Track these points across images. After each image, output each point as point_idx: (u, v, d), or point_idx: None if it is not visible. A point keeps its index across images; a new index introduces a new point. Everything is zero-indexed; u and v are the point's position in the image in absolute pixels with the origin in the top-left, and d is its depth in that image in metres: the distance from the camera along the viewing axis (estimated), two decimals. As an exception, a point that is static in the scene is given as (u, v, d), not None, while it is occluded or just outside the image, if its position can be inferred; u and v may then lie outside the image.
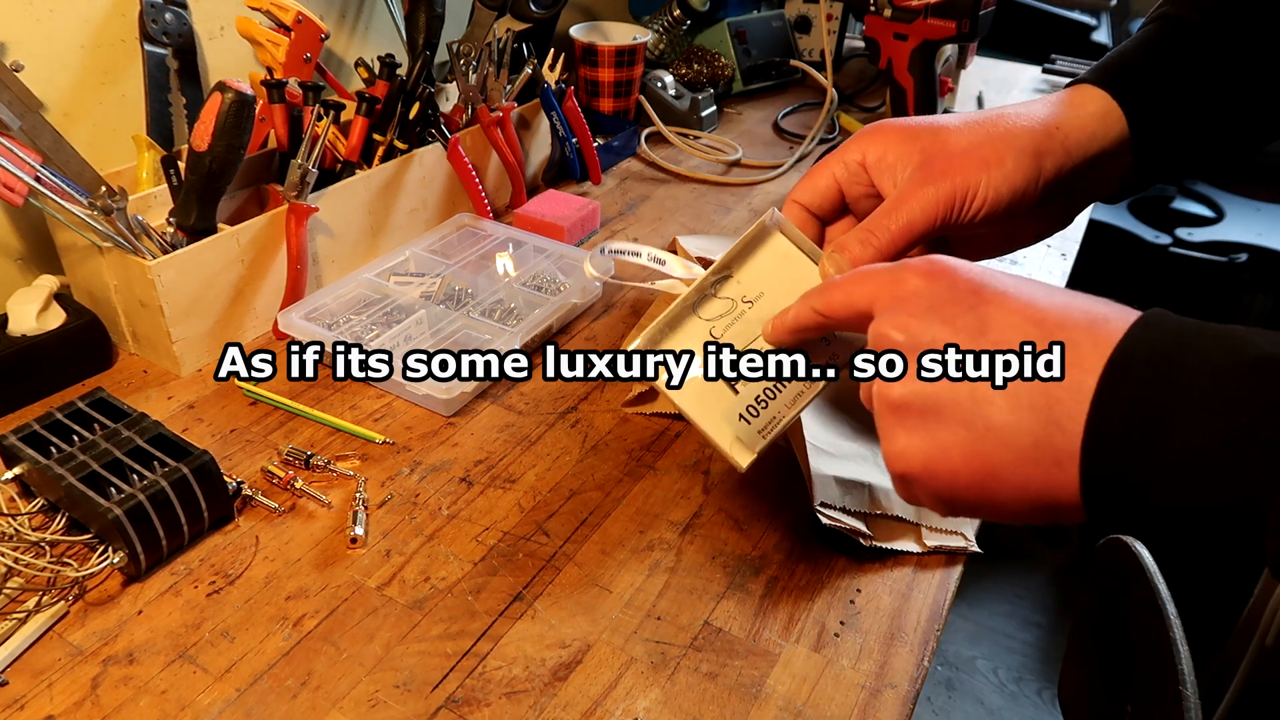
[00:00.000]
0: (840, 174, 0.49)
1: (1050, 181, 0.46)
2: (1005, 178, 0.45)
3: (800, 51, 1.45)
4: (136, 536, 0.54)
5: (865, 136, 0.49)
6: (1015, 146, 0.46)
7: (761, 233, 0.49)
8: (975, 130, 0.46)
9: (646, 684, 0.51)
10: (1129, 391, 0.32)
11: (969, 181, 0.45)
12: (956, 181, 0.45)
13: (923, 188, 0.45)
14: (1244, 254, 1.77)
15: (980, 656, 1.72)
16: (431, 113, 0.88)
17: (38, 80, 0.75)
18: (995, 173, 0.45)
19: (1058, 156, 0.46)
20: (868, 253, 0.45)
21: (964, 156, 0.45)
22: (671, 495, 0.63)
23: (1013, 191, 0.45)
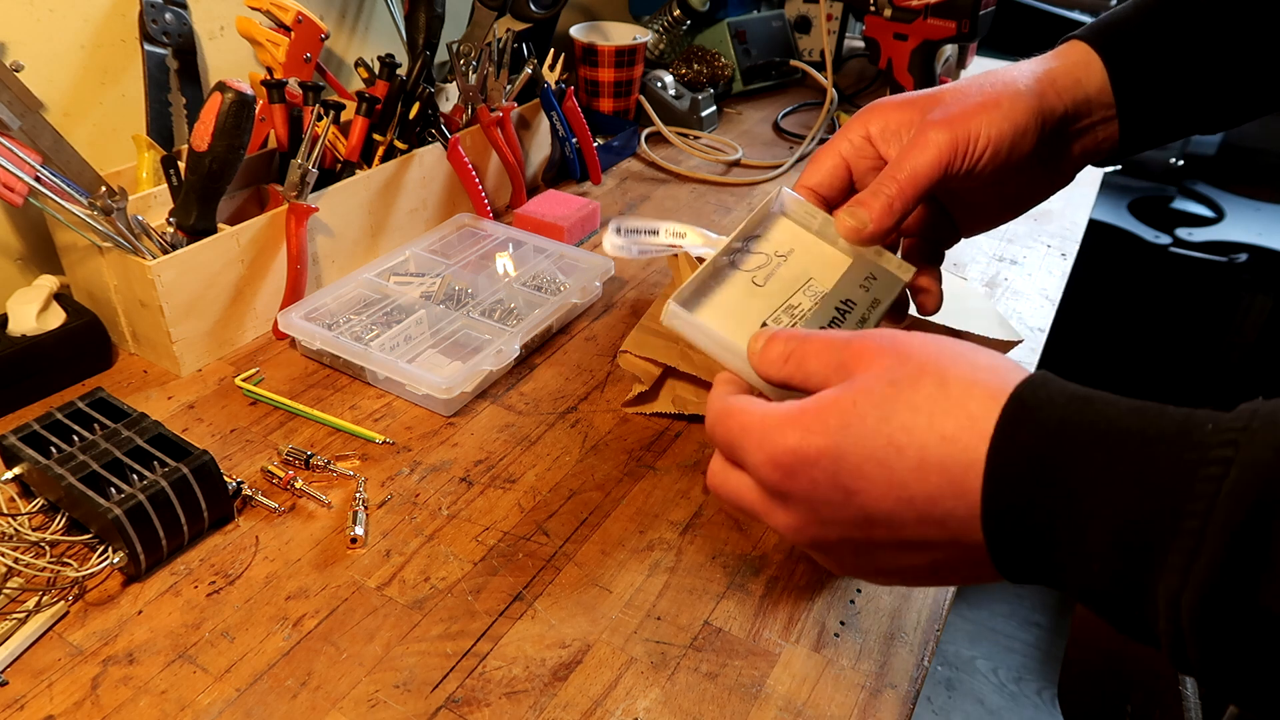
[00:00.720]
0: (846, 151, 0.50)
1: (1049, 120, 0.48)
2: (1005, 115, 0.46)
3: (800, 51, 1.45)
4: (136, 536, 0.54)
5: (865, 114, 0.50)
6: (1011, 90, 0.47)
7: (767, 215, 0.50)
8: (970, 84, 0.48)
9: (646, 684, 0.51)
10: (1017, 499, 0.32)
11: (970, 125, 0.46)
12: (958, 128, 0.46)
13: (925, 138, 0.46)
14: (1244, 254, 1.77)
15: (980, 656, 1.72)
16: (431, 113, 0.88)
17: (38, 80, 0.75)
18: (994, 113, 0.46)
19: (1050, 98, 0.48)
20: (879, 201, 0.47)
21: (960, 104, 0.47)
22: (671, 495, 0.63)
23: (1015, 129, 0.46)
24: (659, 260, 0.93)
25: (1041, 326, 0.84)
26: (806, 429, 0.36)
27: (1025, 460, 0.32)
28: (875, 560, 0.38)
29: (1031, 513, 0.32)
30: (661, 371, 0.70)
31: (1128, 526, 0.29)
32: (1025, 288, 0.91)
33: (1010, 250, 0.98)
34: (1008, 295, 0.89)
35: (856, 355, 0.37)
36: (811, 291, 0.48)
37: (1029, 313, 0.86)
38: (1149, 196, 1.93)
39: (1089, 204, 1.09)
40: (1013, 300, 0.88)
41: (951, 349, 0.36)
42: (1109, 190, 1.92)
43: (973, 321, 0.71)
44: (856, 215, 0.47)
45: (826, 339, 0.39)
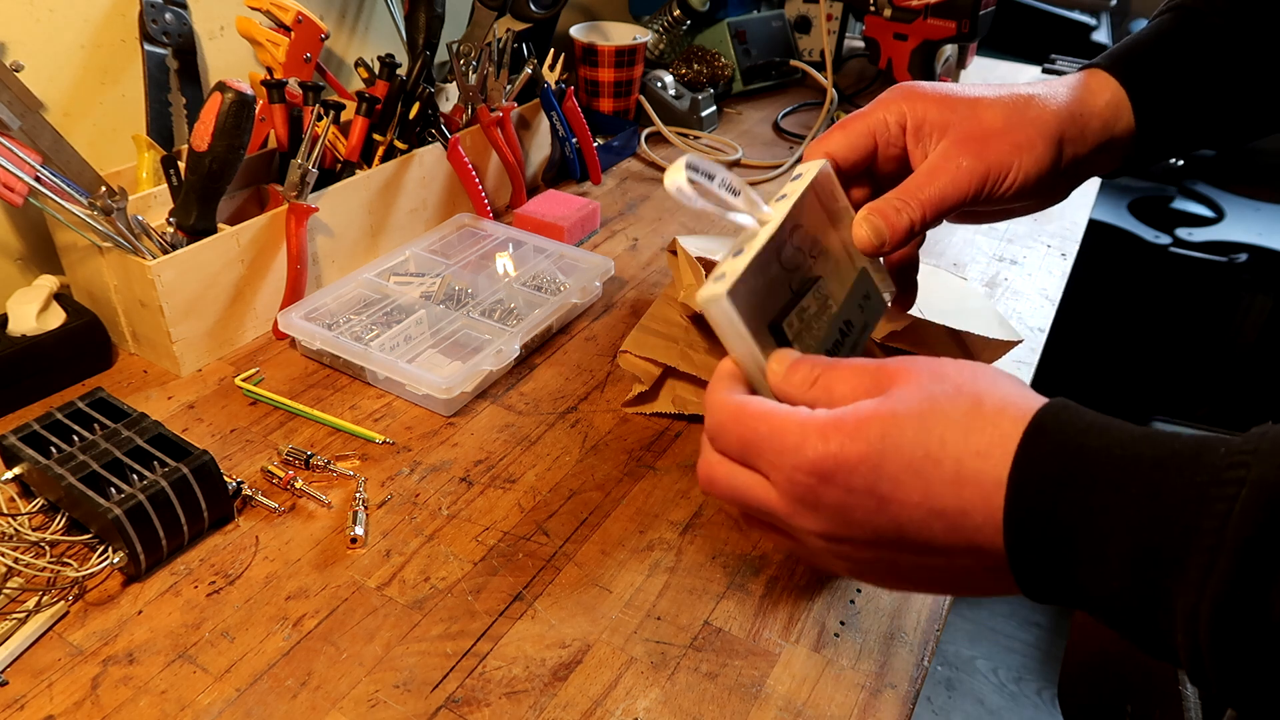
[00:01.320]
0: (877, 128, 0.49)
1: (1069, 164, 0.49)
2: (1036, 161, 0.47)
3: (800, 51, 1.45)
4: (136, 536, 0.54)
5: (903, 97, 0.49)
6: (1045, 132, 0.47)
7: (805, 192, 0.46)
8: (1009, 111, 0.48)
9: (646, 684, 0.51)
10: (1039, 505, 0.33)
11: (1004, 162, 0.46)
12: (991, 161, 0.46)
13: (959, 162, 0.46)
14: (1244, 254, 1.77)
15: (980, 656, 1.72)
16: (431, 113, 0.88)
17: (38, 80, 0.75)
18: (1027, 156, 0.47)
19: (1076, 144, 0.49)
20: (903, 220, 0.46)
21: (1000, 138, 0.47)
22: (671, 495, 0.63)
23: (1040, 174, 0.47)
24: (659, 260, 0.93)
25: (1041, 326, 0.84)
26: (849, 435, 0.36)
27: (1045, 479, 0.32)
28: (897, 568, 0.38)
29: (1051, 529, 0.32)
30: (661, 371, 0.70)
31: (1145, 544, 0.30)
32: (1025, 288, 0.91)
33: (1010, 250, 0.98)
34: (1008, 295, 0.89)
35: (891, 376, 0.37)
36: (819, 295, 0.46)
37: (1029, 313, 0.86)
38: (1149, 196, 1.93)
39: (1089, 204, 1.09)
40: (1013, 300, 0.88)
41: (986, 374, 0.37)
42: (1109, 190, 1.92)
43: (973, 321, 0.71)
44: (876, 228, 0.47)
45: (856, 365, 0.39)
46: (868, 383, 0.38)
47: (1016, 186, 0.47)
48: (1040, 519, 0.33)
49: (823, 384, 0.39)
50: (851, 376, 0.39)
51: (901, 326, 0.70)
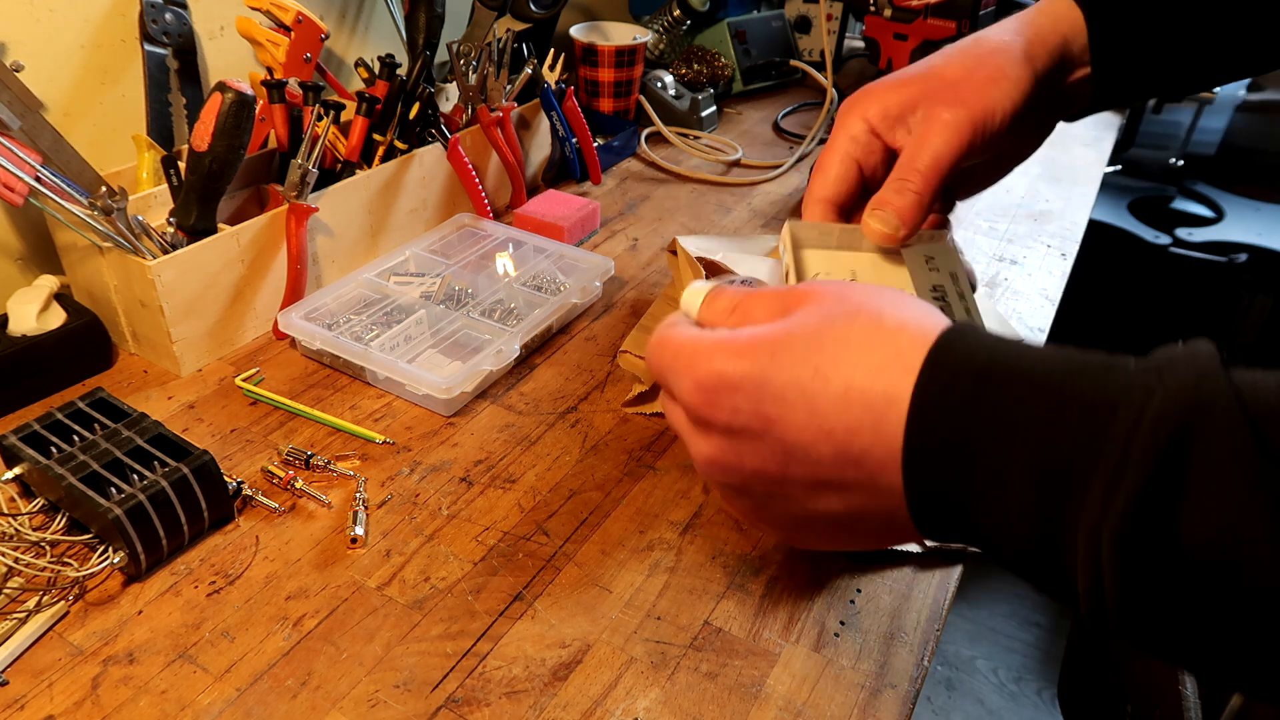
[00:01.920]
0: (851, 148, 0.48)
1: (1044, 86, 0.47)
2: (1013, 86, 0.45)
3: (800, 51, 1.45)
4: (136, 536, 0.54)
5: (860, 100, 0.48)
6: (1010, 58, 0.46)
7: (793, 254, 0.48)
8: (965, 55, 0.47)
9: (646, 684, 0.51)
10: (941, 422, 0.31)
11: (985, 102, 0.45)
12: (973, 104, 0.44)
13: (941, 120, 0.45)
14: (1244, 254, 1.77)
15: (980, 656, 1.72)
16: (431, 113, 0.88)
17: (38, 80, 0.75)
18: (1004, 85, 0.45)
19: (1043, 59, 0.47)
20: (906, 199, 0.45)
21: (969, 81, 0.45)
22: (671, 495, 0.63)
23: (1024, 99, 0.45)
24: (659, 260, 0.93)
25: (1041, 326, 0.84)
26: (735, 353, 0.35)
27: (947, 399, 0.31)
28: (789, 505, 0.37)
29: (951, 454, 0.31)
30: (661, 371, 0.70)
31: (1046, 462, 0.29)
32: (1025, 288, 0.91)
33: (1010, 250, 0.98)
34: (1008, 295, 0.89)
35: (799, 298, 0.37)
36: None
37: (1029, 313, 0.86)
38: (1149, 196, 1.93)
39: (1089, 204, 1.09)
40: (1013, 300, 0.88)
41: (892, 295, 0.36)
42: (1109, 190, 1.92)
43: (973, 321, 0.71)
44: (885, 220, 0.46)
45: (775, 290, 0.38)
46: (779, 306, 0.37)
47: (1007, 119, 0.45)
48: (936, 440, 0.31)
49: (741, 309, 0.39)
50: (769, 299, 0.38)
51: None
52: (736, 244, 0.79)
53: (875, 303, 0.35)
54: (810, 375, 0.34)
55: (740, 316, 0.39)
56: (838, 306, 0.35)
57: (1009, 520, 0.30)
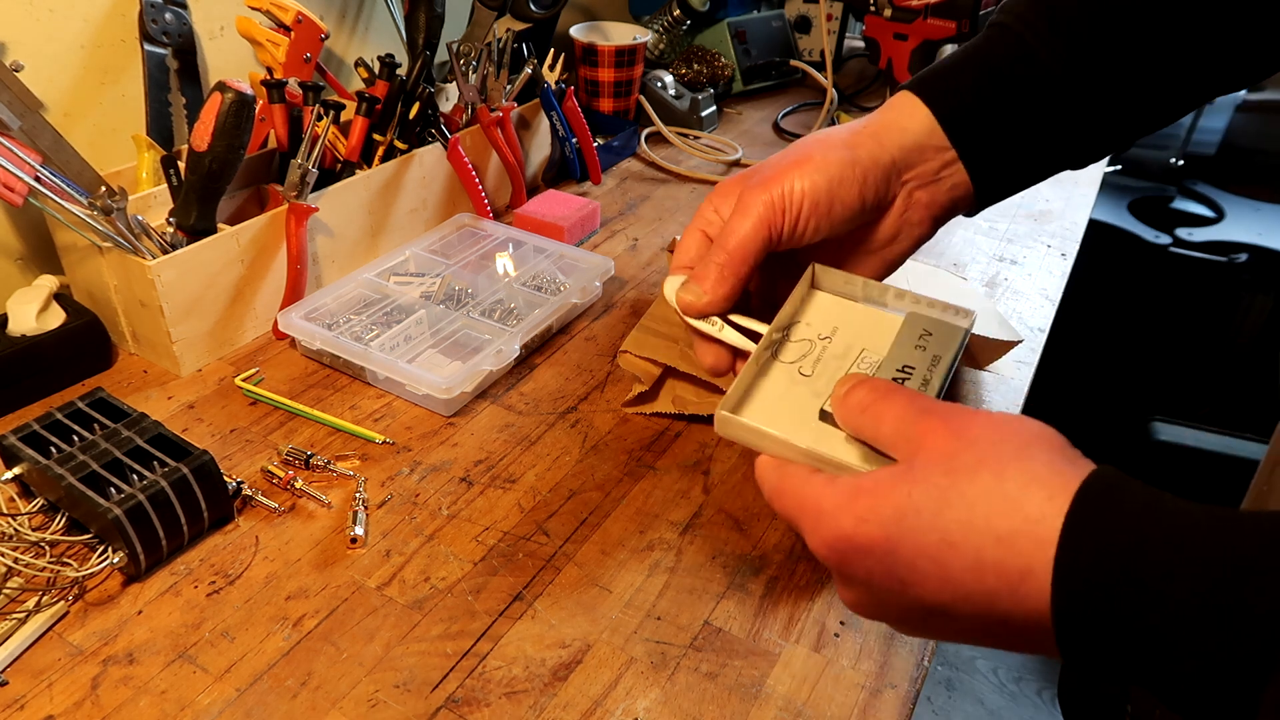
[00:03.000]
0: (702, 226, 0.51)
1: (869, 169, 0.48)
2: (817, 168, 0.47)
3: (800, 51, 1.45)
4: (136, 536, 0.54)
5: (714, 192, 0.51)
6: (824, 145, 0.48)
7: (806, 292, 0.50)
8: (787, 150, 0.49)
9: (646, 684, 0.51)
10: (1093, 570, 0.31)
11: (783, 184, 0.47)
12: (772, 188, 0.47)
13: (744, 202, 0.47)
14: (1244, 254, 1.77)
15: (980, 656, 1.72)
16: (431, 113, 0.88)
17: (38, 80, 0.75)
18: (805, 167, 0.47)
19: (869, 147, 0.48)
20: (711, 270, 0.47)
21: (774, 167, 0.48)
22: (671, 495, 0.63)
23: (829, 180, 0.47)
24: (659, 260, 0.93)
25: (1041, 326, 0.84)
26: (860, 518, 0.36)
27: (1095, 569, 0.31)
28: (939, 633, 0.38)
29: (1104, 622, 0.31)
30: (661, 371, 0.70)
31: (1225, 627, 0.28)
32: (1025, 288, 0.91)
33: (1010, 250, 0.98)
34: (1008, 295, 0.89)
35: (923, 433, 0.36)
36: (867, 364, 0.47)
37: (1029, 313, 0.86)
38: (1149, 196, 1.93)
39: (1089, 204, 1.09)
40: (1013, 300, 0.88)
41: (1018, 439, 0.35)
42: (1109, 190, 1.92)
43: (973, 321, 0.71)
44: (690, 289, 0.48)
45: (906, 403, 0.38)
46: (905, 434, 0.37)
47: (807, 199, 0.47)
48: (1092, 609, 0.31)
49: (873, 414, 0.39)
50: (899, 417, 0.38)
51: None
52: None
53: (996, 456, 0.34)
54: (937, 542, 0.34)
55: (871, 419, 0.39)
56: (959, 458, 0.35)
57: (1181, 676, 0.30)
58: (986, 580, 0.33)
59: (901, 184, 0.50)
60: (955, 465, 0.35)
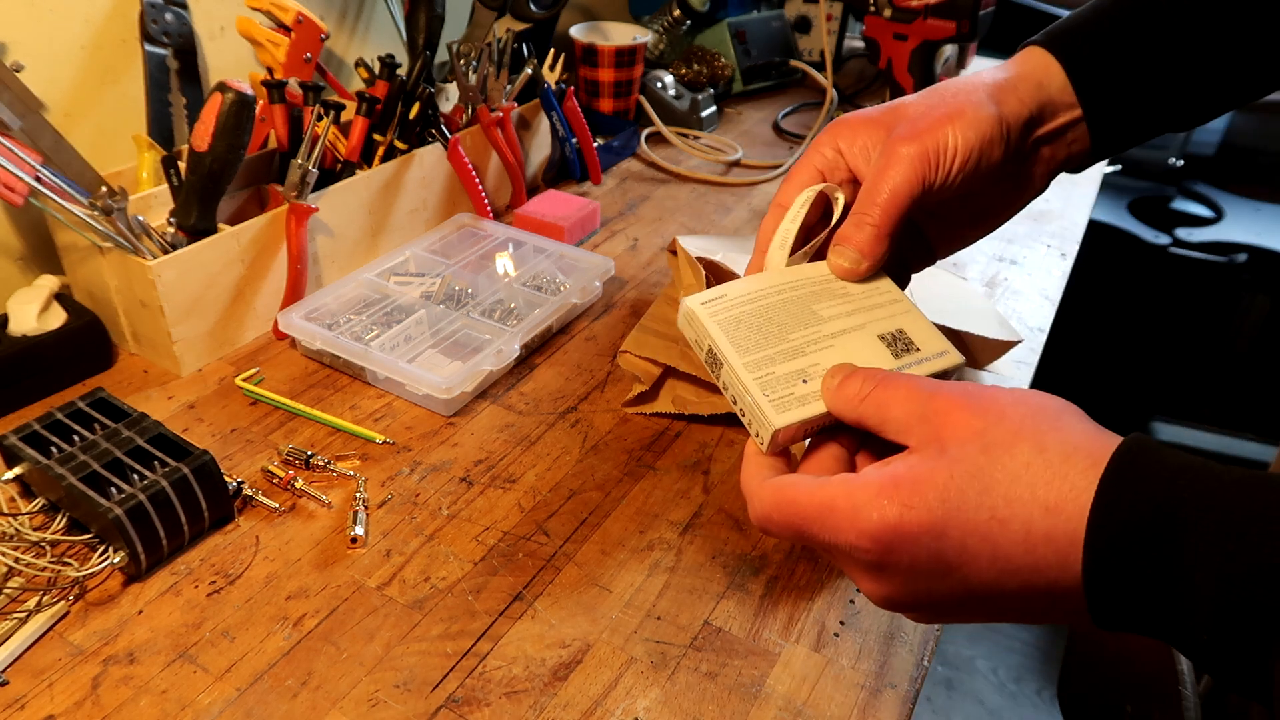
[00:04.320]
0: (820, 164, 0.49)
1: (1013, 125, 0.47)
2: (970, 124, 0.46)
3: (800, 51, 1.45)
4: (137, 536, 0.54)
5: (835, 128, 0.49)
6: (972, 99, 0.47)
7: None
8: (930, 96, 0.48)
9: (646, 684, 0.51)
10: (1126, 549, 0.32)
11: (938, 137, 0.45)
12: (927, 141, 0.45)
13: (897, 155, 0.45)
14: (1243, 254, 1.77)
15: (980, 656, 1.72)
16: (431, 113, 0.88)
17: (38, 80, 0.75)
18: (960, 122, 0.45)
19: (1013, 103, 0.48)
20: (865, 233, 0.46)
21: (926, 118, 0.46)
22: (671, 495, 0.64)
23: (980, 137, 0.46)
24: (659, 260, 0.93)
25: (1041, 326, 0.84)
26: (905, 504, 0.35)
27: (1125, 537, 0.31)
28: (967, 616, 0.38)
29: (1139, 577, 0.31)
30: (661, 371, 0.70)
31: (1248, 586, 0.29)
32: (1025, 288, 0.91)
33: (1010, 250, 0.98)
34: (1008, 295, 0.89)
35: (942, 414, 0.36)
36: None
37: (1029, 313, 0.86)
38: (1149, 196, 1.93)
39: (1089, 204, 1.09)
40: (1013, 300, 0.89)
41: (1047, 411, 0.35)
42: (1109, 190, 1.92)
43: (973, 321, 0.71)
44: (846, 255, 0.47)
45: (909, 385, 0.38)
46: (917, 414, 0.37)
47: (959, 155, 0.45)
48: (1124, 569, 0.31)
49: (874, 402, 0.38)
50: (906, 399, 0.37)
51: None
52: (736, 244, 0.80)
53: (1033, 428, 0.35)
54: (987, 520, 0.34)
55: (874, 406, 0.38)
56: (993, 432, 0.35)
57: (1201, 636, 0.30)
58: (1037, 551, 0.33)
59: (1034, 138, 0.49)
60: (990, 441, 0.35)
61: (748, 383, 0.43)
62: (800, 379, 0.43)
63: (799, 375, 0.43)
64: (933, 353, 0.46)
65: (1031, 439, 0.34)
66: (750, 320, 0.45)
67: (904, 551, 0.35)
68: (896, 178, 0.45)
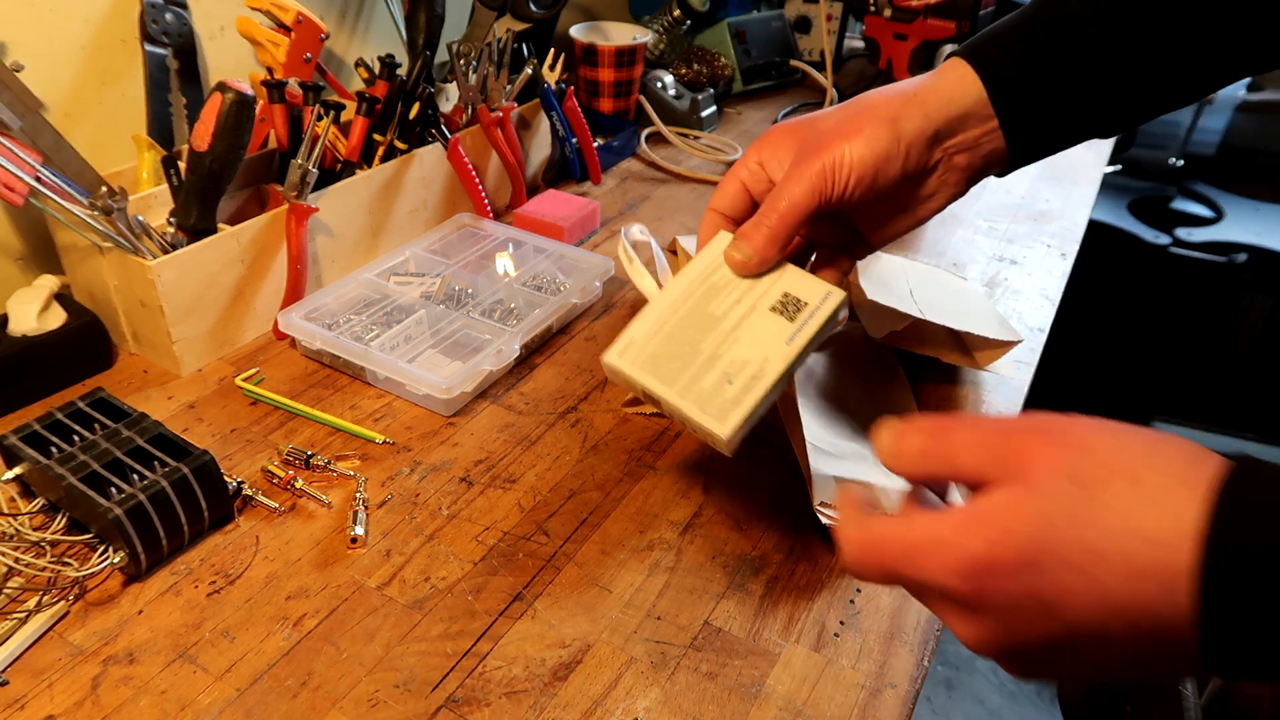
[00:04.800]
0: (744, 176, 0.54)
1: (913, 142, 0.50)
2: (865, 142, 0.49)
3: (800, 51, 1.45)
4: (137, 536, 0.54)
5: (760, 142, 0.54)
6: (873, 117, 0.50)
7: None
8: (840, 112, 0.52)
9: (646, 684, 0.51)
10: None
11: (834, 154, 0.49)
12: (825, 157, 0.49)
13: (798, 169, 0.50)
14: (1243, 254, 1.77)
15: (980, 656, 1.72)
16: (431, 113, 0.88)
17: (38, 80, 0.75)
18: (855, 140, 0.49)
19: (916, 120, 0.50)
20: (761, 233, 0.51)
21: (829, 134, 0.50)
22: (671, 495, 0.64)
23: (875, 155, 0.49)
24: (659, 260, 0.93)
25: (1041, 326, 0.84)
26: (991, 539, 0.33)
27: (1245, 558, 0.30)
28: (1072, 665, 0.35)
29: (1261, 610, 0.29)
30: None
31: None
32: (1025, 288, 0.91)
33: (1010, 250, 0.98)
34: (1008, 295, 0.89)
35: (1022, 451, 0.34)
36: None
37: (1029, 313, 0.86)
38: (1149, 196, 1.93)
39: (1089, 204, 1.09)
40: (1013, 300, 0.89)
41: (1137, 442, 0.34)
42: (1109, 190, 1.92)
43: (973, 321, 0.71)
44: (741, 249, 0.52)
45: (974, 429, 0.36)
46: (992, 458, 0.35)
47: (854, 171, 0.49)
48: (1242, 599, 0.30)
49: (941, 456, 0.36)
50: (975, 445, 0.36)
51: (902, 327, 0.70)
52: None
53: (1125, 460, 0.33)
54: (1084, 553, 0.32)
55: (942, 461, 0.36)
56: (1081, 464, 0.33)
57: None
58: (1141, 585, 0.31)
59: (943, 150, 0.52)
60: (1080, 473, 0.33)
61: (686, 408, 0.49)
62: (726, 381, 0.49)
63: (724, 379, 0.49)
64: (818, 300, 0.51)
65: (1125, 471, 0.32)
66: (664, 351, 0.51)
67: (996, 589, 0.33)
68: (795, 190, 0.50)
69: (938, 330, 0.72)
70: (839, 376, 0.73)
